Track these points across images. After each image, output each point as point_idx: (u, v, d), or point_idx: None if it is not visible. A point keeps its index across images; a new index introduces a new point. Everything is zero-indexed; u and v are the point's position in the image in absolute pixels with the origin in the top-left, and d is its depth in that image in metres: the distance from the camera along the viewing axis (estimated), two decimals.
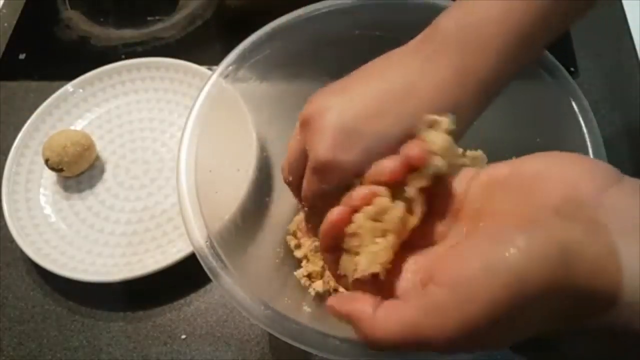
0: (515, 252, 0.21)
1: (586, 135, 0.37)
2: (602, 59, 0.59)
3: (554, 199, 0.23)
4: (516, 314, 0.21)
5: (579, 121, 0.38)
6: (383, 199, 0.27)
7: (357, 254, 0.27)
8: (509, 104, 0.44)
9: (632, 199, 0.22)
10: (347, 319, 0.25)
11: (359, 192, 0.27)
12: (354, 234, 0.27)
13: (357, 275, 0.26)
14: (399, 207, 0.27)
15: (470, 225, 0.27)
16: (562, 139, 0.39)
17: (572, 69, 0.58)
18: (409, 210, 0.27)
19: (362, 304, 0.25)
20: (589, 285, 0.21)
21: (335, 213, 0.27)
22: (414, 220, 0.27)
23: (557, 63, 0.40)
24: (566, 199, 0.23)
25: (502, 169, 0.26)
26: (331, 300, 0.26)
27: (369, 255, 0.26)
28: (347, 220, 0.27)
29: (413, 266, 0.27)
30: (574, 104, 0.39)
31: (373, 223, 0.27)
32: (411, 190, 0.27)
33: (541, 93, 0.41)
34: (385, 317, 0.24)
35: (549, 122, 0.41)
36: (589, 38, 0.60)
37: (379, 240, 0.26)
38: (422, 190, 0.27)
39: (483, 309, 0.21)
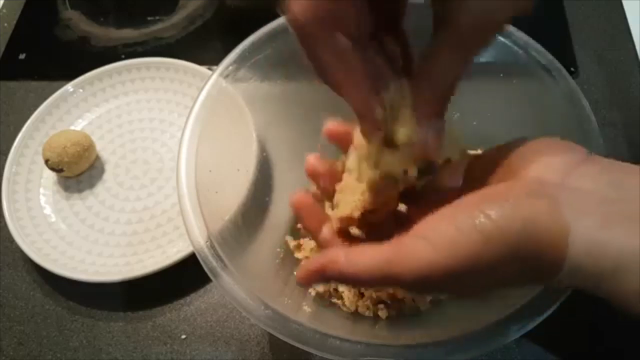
0: (485, 220, 0.24)
1: (586, 135, 0.37)
2: (602, 59, 0.59)
3: (526, 178, 0.26)
4: (478, 270, 0.24)
5: (579, 121, 0.38)
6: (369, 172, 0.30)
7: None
8: (509, 103, 0.44)
9: (597, 178, 0.25)
10: (321, 271, 0.27)
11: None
12: (341, 191, 0.32)
13: (334, 216, 0.31)
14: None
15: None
16: (562, 139, 0.39)
17: (572, 69, 0.58)
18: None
19: (334, 251, 0.27)
20: (545, 255, 0.24)
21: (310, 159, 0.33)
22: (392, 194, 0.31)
23: (557, 63, 0.40)
24: (536, 179, 0.26)
25: (492, 150, 0.30)
26: (301, 268, 0.28)
27: (345, 204, 0.31)
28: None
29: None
30: (574, 104, 0.39)
31: (356, 184, 0.31)
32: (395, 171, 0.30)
33: (541, 93, 0.41)
34: (360, 253, 0.27)
35: (549, 122, 0.41)
36: (589, 38, 0.60)
37: (357, 196, 0.30)
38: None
39: (449, 258, 0.24)
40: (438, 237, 0.25)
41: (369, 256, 0.26)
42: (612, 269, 0.23)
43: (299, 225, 0.46)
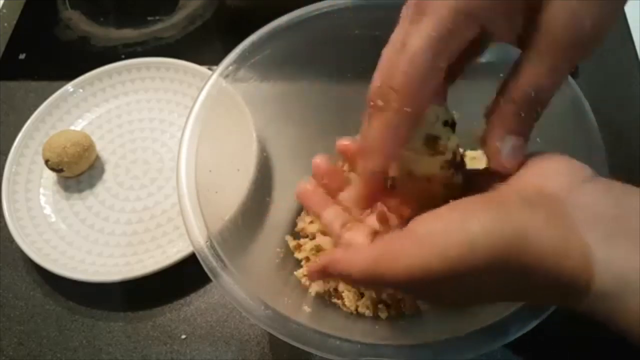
0: (475, 223, 0.23)
1: (586, 135, 0.37)
2: (602, 59, 0.58)
3: (526, 188, 0.26)
4: (461, 275, 0.24)
5: (579, 121, 0.38)
6: None
7: None
8: None
9: (600, 195, 0.24)
10: (324, 270, 0.29)
11: None
12: None
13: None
14: None
15: None
16: (562, 139, 0.39)
17: None
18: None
19: (333, 253, 0.29)
20: (543, 269, 0.23)
21: None
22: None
23: None
24: (537, 190, 0.25)
25: None
26: (309, 265, 0.32)
27: None
28: None
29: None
30: (574, 104, 0.38)
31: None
32: None
33: None
34: (356, 253, 0.28)
35: (549, 122, 0.41)
36: None
37: None
38: None
39: (432, 261, 0.24)
40: (426, 234, 0.24)
41: (362, 256, 0.27)
42: (613, 287, 0.22)
43: (297, 227, 0.46)
